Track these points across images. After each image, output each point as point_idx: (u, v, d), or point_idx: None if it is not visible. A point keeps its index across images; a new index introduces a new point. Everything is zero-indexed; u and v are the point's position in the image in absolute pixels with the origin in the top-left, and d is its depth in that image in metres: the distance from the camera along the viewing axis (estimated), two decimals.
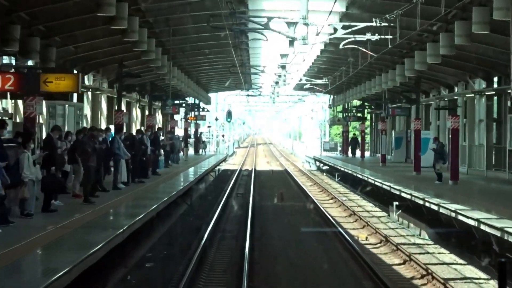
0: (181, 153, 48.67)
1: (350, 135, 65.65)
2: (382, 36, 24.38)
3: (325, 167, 61.95)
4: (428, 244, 23.63)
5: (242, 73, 41.29)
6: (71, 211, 18.48)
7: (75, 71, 33.61)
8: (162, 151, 39.29)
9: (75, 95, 34.55)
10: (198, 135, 63.61)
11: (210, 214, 29.05)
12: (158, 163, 33.09)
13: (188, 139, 48.59)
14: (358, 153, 63.06)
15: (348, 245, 22.19)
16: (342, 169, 47.40)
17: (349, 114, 60.03)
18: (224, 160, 68.25)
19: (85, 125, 35.83)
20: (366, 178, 37.20)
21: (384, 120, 46.08)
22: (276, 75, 45.20)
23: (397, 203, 28.70)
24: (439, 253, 21.98)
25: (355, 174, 41.09)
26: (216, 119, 77.62)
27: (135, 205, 21.30)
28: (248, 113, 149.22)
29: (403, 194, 27.50)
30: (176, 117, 79.70)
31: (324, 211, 31.38)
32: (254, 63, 41.10)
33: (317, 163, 66.50)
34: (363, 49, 27.06)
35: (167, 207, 23.71)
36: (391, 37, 23.76)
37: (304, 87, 40.87)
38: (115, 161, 24.58)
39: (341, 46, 25.89)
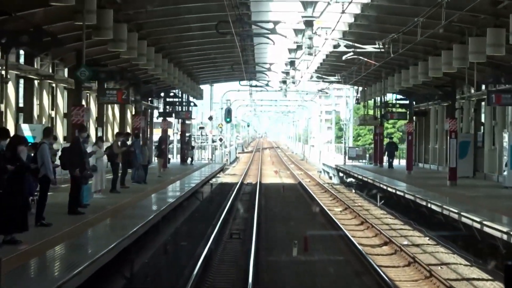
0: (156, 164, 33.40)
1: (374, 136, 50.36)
2: None
3: (349, 179, 47.06)
4: None
5: (237, 35, 25.65)
6: None
7: None
8: (112, 165, 24.28)
9: None
10: (187, 139, 48.07)
11: None
12: (80, 193, 17.90)
13: (164, 145, 33.05)
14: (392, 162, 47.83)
15: None
16: (388, 188, 32.20)
17: (390, 110, 44.71)
18: (222, 169, 53.15)
19: None
20: (454, 215, 21.75)
21: (454, 117, 30.57)
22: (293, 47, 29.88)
23: None
24: None
25: (421, 202, 25.74)
26: (210, 118, 61.21)
27: None
28: (253, 114, 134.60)
29: None
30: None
31: (389, 282, 16.28)
32: (257, 18, 25.74)
33: (338, 173, 51.42)
34: None
35: None
36: None
37: (345, 57, 25.39)
38: None
39: None
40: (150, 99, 47.24)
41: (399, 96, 45.99)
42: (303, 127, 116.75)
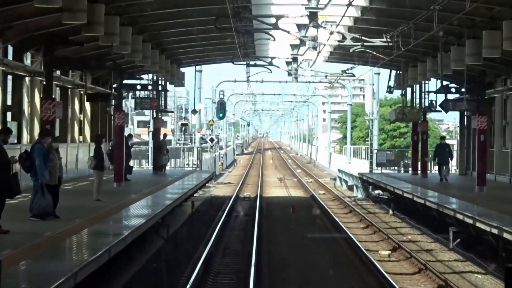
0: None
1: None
2: None
3: (376, 191, 35.00)
4: None
5: None
6: None
7: None
8: None
9: None
10: (161, 140, 35.29)
11: None
12: None
13: (108, 150, 20.50)
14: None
15: None
16: (481, 225, 19.68)
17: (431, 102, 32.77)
18: (209, 180, 40.69)
19: None
20: None
21: None
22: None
23: None
24: None
25: None
26: (194, 111, 47.77)
27: None
28: (253, 111, 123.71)
29: None
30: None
31: None
32: None
33: (363, 184, 38.99)
34: None
35: None
36: None
37: None
38: None
39: None
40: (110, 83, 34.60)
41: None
42: (309, 125, 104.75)
